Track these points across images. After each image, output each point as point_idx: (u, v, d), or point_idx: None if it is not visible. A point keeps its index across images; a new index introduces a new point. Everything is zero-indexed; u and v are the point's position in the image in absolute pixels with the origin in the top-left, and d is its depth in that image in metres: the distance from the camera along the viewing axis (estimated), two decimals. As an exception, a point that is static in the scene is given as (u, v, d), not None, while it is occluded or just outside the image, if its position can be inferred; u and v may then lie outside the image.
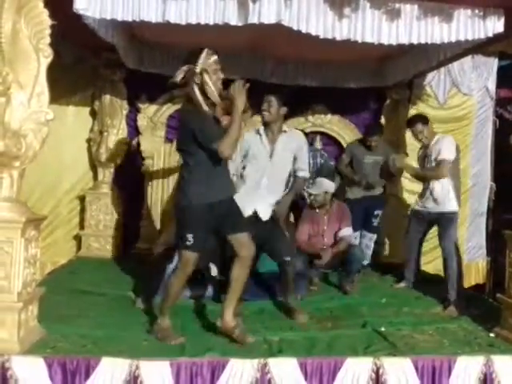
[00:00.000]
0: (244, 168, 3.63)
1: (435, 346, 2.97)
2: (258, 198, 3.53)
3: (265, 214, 3.52)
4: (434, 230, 4.19)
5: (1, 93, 2.54)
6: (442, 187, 3.95)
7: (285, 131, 3.64)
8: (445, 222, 3.93)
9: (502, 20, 3.32)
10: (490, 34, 3.34)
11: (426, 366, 2.72)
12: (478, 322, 3.36)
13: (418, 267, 4.34)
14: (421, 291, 4.11)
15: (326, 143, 5.64)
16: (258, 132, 3.65)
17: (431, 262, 5.24)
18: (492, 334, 3.15)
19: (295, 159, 3.68)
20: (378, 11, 3.13)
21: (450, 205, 3.95)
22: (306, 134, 4.94)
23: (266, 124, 3.60)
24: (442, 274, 4.08)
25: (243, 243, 2.89)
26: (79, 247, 5.27)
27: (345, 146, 5.44)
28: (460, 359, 2.76)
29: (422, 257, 4.53)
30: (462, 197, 5.41)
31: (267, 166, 3.56)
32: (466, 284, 5.09)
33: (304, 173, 3.76)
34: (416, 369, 2.70)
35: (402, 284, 4.27)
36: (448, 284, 3.80)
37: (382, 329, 3.16)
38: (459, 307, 3.63)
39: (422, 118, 4.15)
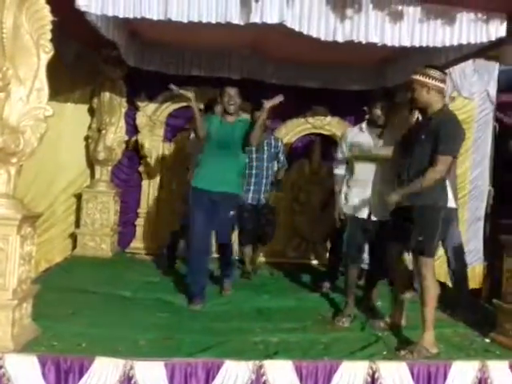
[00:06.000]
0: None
1: (431, 350, 2.95)
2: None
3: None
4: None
5: (0, 88, 2.51)
6: None
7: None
8: None
9: (505, 24, 3.31)
10: (493, 38, 3.33)
11: (422, 370, 2.71)
12: (474, 327, 3.35)
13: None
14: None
15: (326, 145, 5.62)
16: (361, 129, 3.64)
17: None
18: (487, 340, 3.14)
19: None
20: (381, 13, 3.13)
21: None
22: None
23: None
24: (440, 278, 4.05)
25: None
26: (75, 246, 5.24)
27: None
28: (455, 364, 2.75)
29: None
30: (461, 200, 5.42)
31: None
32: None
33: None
34: (412, 373, 2.69)
35: (408, 295, 3.52)
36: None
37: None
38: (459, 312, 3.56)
39: None
